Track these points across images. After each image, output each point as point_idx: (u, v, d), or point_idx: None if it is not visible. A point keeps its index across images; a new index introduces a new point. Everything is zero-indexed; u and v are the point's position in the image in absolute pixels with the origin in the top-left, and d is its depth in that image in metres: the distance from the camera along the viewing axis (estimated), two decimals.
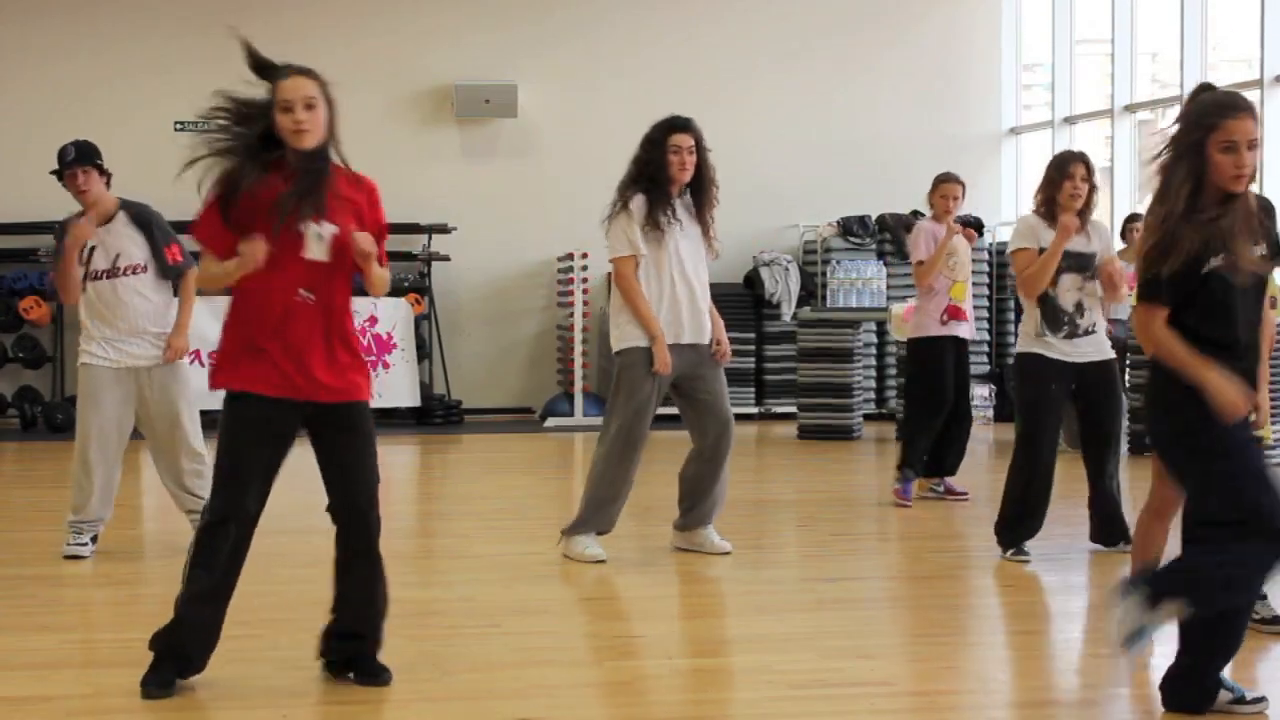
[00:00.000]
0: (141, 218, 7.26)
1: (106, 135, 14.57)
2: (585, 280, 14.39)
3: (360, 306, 13.97)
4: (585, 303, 14.46)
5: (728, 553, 7.19)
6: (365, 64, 14.85)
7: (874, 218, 15.17)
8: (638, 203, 7.04)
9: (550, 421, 14.21)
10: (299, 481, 7.47)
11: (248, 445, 4.79)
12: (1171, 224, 4.42)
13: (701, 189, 7.14)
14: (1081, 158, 7.37)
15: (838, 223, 15.11)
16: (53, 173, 7.22)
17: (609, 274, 15.21)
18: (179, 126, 14.74)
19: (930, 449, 9.09)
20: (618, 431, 7.03)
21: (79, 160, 7.13)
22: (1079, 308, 7.18)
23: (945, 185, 9.24)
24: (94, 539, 7.30)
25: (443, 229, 14.36)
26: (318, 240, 4.78)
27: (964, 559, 7.74)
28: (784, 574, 7.00)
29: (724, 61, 15.56)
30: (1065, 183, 7.17)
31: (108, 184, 7.24)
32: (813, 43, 15.70)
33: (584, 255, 14.28)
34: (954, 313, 9.08)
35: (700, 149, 7.09)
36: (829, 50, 15.73)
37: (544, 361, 15.19)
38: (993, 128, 16.14)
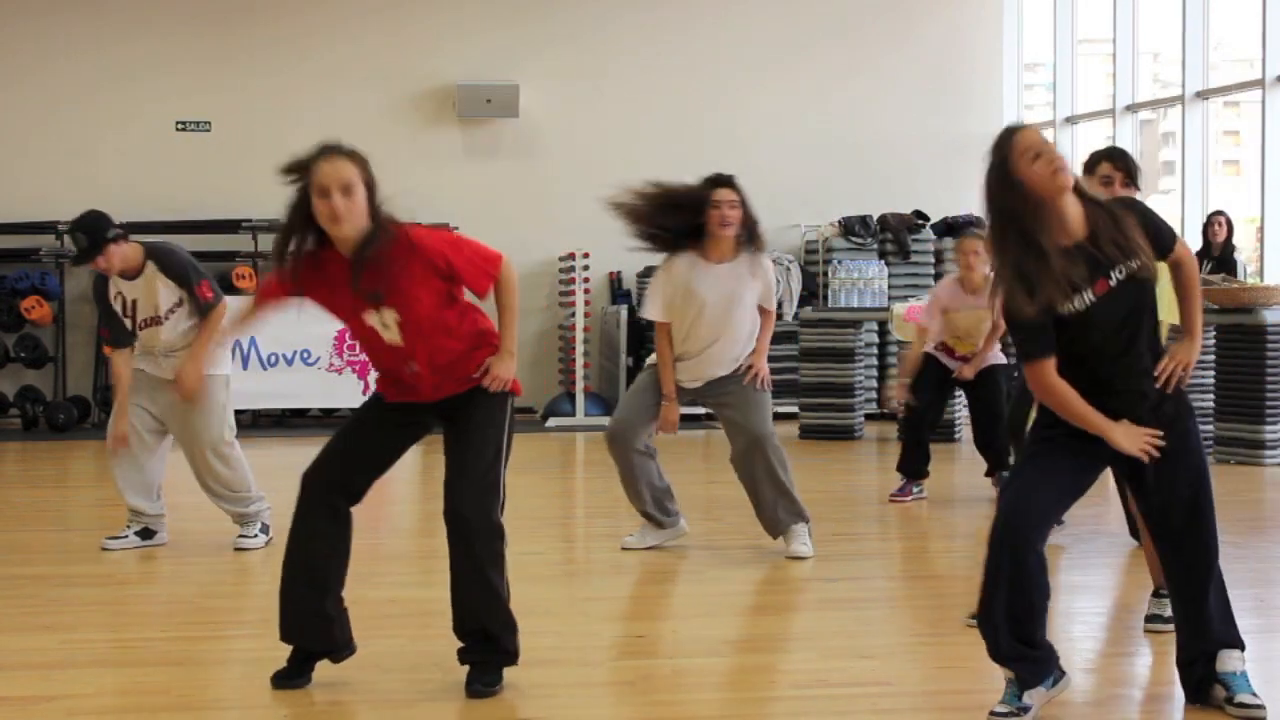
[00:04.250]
0: (170, 267, 7.30)
1: (106, 135, 14.73)
2: (586, 280, 14.40)
3: None
4: (587, 303, 14.47)
5: (800, 557, 7.21)
6: (367, 63, 14.85)
7: (875, 218, 15.17)
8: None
9: (552, 421, 14.21)
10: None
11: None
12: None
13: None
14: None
15: (839, 223, 15.12)
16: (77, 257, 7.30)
17: (610, 274, 15.29)
18: (179, 126, 14.78)
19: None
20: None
21: (88, 255, 7.19)
22: None
23: (964, 241, 9.08)
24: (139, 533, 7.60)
25: (444, 229, 14.35)
26: (384, 329, 4.77)
27: (965, 559, 7.74)
28: (784, 574, 6.99)
29: (725, 62, 15.56)
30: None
31: (124, 240, 7.27)
32: (813, 43, 15.71)
33: (585, 255, 14.29)
34: (946, 350, 9.11)
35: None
36: (829, 50, 15.74)
37: (545, 361, 15.20)
38: (994, 128, 15.98)
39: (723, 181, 7.21)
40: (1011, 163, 4.38)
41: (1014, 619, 4.41)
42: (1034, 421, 4.63)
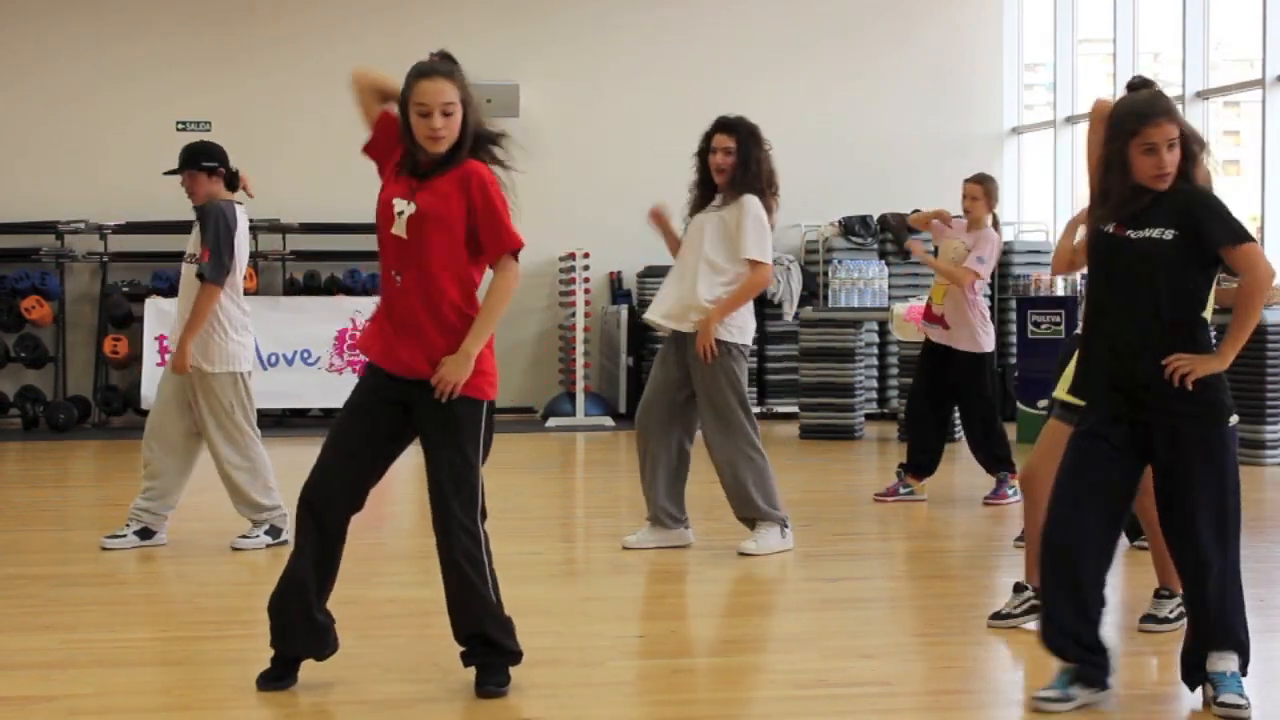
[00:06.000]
0: (201, 214, 7.41)
1: (106, 135, 14.73)
2: (586, 280, 14.39)
3: (362, 306, 13.96)
4: (587, 303, 14.47)
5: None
6: (367, 63, 14.81)
7: (875, 217, 15.18)
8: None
9: (552, 421, 14.21)
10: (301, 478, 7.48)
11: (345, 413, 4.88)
12: None
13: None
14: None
15: (839, 222, 15.12)
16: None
17: (610, 274, 15.29)
18: (180, 126, 14.77)
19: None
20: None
21: (181, 167, 7.47)
22: None
23: (967, 186, 9.14)
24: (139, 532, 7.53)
25: None
26: (398, 216, 4.76)
27: (965, 559, 7.74)
28: (784, 574, 6.99)
29: (725, 62, 15.56)
30: None
31: (226, 182, 7.48)
32: (813, 43, 15.71)
33: (585, 255, 14.29)
34: (928, 314, 9.13)
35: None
36: (830, 50, 15.74)
37: (546, 361, 15.19)
38: (994, 127, 16.13)
39: (720, 126, 7.44)
40: (1130, 142, 4.51)
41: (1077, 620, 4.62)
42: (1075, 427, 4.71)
